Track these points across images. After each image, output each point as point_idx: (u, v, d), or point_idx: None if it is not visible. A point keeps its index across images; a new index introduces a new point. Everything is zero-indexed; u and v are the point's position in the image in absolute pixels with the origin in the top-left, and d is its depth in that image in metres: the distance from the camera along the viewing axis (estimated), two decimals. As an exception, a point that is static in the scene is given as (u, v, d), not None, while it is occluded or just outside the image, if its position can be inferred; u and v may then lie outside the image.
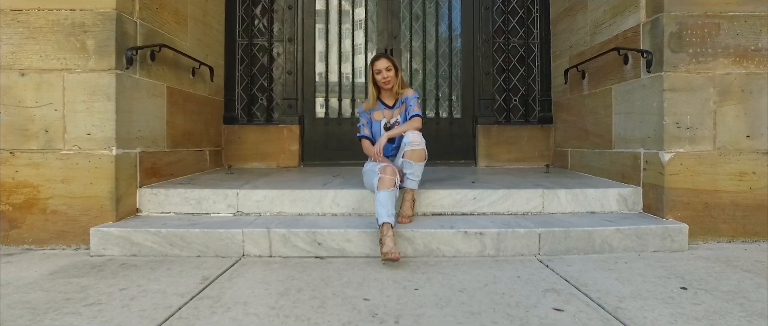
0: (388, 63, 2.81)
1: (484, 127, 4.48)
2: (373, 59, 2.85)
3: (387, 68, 2.80)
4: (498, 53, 4.60)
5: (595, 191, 2.88)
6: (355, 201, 2.82)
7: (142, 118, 2.90)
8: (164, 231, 2.44)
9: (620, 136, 3.17)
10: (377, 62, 2.81)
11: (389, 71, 2.80)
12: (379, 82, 2.84)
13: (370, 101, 2.90)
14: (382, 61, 2.80)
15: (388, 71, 2.80)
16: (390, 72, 2.81)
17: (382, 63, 2.80)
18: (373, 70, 2.83)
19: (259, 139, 4.41)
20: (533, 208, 2.85)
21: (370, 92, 2.89)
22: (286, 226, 2.50)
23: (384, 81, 2.81)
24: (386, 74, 2.80)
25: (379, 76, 2.82)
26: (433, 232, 2.44)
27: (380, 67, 2.80)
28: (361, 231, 2.43)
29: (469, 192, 2.84)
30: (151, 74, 3.01)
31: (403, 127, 2.76)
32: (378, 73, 2.81)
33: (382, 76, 2.80)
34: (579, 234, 2.47)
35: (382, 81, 2.82)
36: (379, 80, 2.83)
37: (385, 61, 2.81)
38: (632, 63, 3.00)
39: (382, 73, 2.80)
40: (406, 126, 2.75)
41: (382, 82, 2.83)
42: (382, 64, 2.80)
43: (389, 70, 2.80)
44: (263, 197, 2.83)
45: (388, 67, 2.80)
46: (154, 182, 3.05)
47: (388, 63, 2.81)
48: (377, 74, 2.82)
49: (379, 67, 2.81)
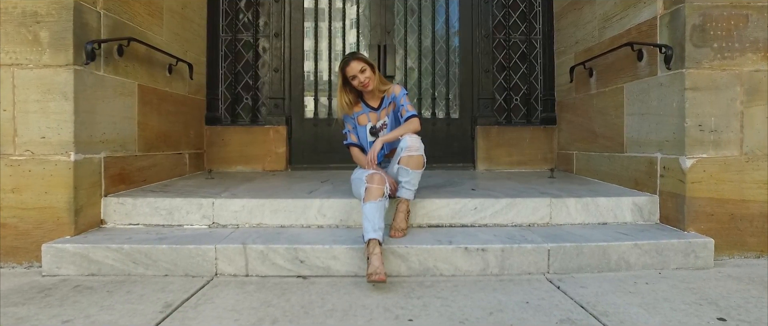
0: (361, 64, 2.47)
1: (484, 128, 4.22)
2: (342, 64, 2.51)
3: (361, 70, 2.47)
4: (498, 50, 4.33)
5: (608, 200, 2.62)
6: (343, 211, 2.55)
7: (107, 120, 2.62)
8: (127, 248, 2.16)
9: (633, 139, 2.91)
10: (348, 67, 2.48)
11: (364, 72, 2.48)
12: (356, 87, 2.53)
13: (343, 108, 2.59)
14: (354, 64, 2.47)
15: (362, 73, 2.47)
16: (365, 73, 2.48)
17: (355, 66, 2.47)
18: (346, 77, 2.51)
19: (244, 140, 4.12)
20: (540, 219, 2.59)
21: (340, 100, 2.57)
22: (265, 241, 2.23)
23: (362, 85, 2.49)
24: (362, 77, 2.47)
25: (355, 82, 2.49)
26: (430, 248, 2.17)
27: (354, 71, 2.47)
28: (348, 248, 2.16)
29: (469, 202, 2.57)
30: (119, 71, 2.73)
31: (399, 129, 2.45)
32: (353, 79, 2.49)
33: (358, 81, 2.48)
34: (592, 249, 2.21)
35: (359, 86, 2.50)
36: (356, 85, 2.51)
37: (358, 62, 2.47)
38: (647, 59, 2.74)
39: (358, 77, 2.47)
40: (403, 129, 2.44)
41: (360, 87, 2.51)
42: (355, 67, 2.47)
43: (364, 71, 2.48)
44: (242, 207, 2.56)
45: (362, 68, 2.47)
46: (124, 190, 2.77)
47: (361, 64, 2.47)
48: (352, 80, 2.50)
49: (352, 72, 2.48)
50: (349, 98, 2.57)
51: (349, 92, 2.58)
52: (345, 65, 2.49)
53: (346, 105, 2.57)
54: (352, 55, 2.53)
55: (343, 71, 2.50)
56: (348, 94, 2.57)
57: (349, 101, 2.58)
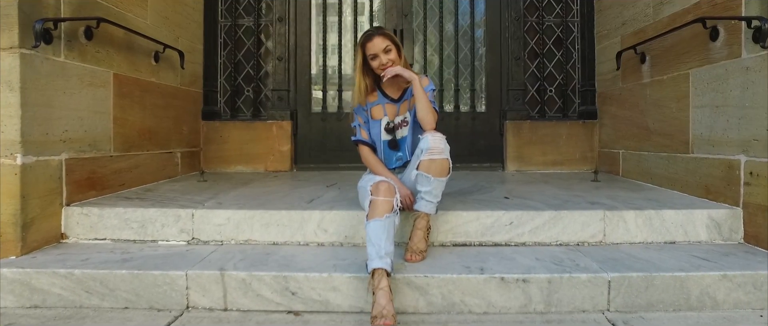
0: (386, 42, 1.97)
1: (514, 123, 3.70)
2: (364, 38, 2.00)
3: (386, 49, 1.97)
4: (530, 34, 3.81)
5: (676, 213, 2.11)
6: (349, 225, 2.09)
7: (71, 115, 2.21)
8: (78, 274, 1.74)
9: (703, 137, 2.38)
10: (370, 43, 1.97)
11: (388, 53, 1.97)
12: (375, 69, 2.02)
13: (360, 95, 2.07)
14: (377, 40, 1.96)
15: (386, 53, 1.97)
16: (390, 54, 1.97)
17: (378, 43, 1.96)
18: (365, 54, 2.01)
19: (244, 137, 3.70)
20: (591, 237, 2.09)
21: (358, 85, 2.06)
22: (250, 266, 1.79)
23: (383, 68, 1.98)
24: (385, 58, 1.97)
25: (374, 62, 1.99)
26: (456, 279, 1.70)
27: (376, 49, 1.97)
28: (351, 277, 1.71)
29: (504, 215, 2.09)
30: (87, 57, 2.32)
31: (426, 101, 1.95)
32: (373, 58, 1.99)
33: (379, 62, 1.98)
34: (666, 282, 1.70)
35: (379, 69, 1.99)
36: (375, 67, 2.01)
37: (382, 39, 1.97)
38: (725, 38, 2.21)
39: (380, 57, 1.97)
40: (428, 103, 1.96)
41: (380, 71, 2.01)
42: (379, 44, 1.96)
43: (388, 52, 1.97)
44: (227, 220, 2.12)
45: (387, 47, 1.97)
46: (95, 196, 2.37)
47: (386, 42, 1.97)
48: (372, 59, 2.00)
49: (374, 49, 1.97)
50: (366, 82, 2.07)
51: (367, 75, 2.07)
52: (367, 40, 1.99)
53: (363, 90, 2.07)
54: (376, 29, 2.02)
55: (364, 47, 2.00)
56: (366, 77, 2.07)
57: (367, 86, 2.08)
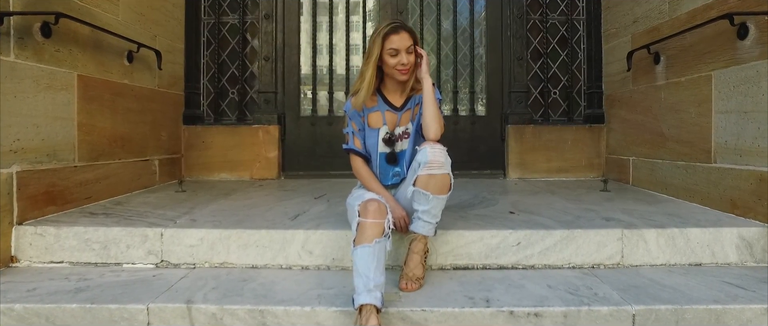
0: (411, 41, 1.72)
1: (516, 128, 3.48)
2: (390, 29, 1.72)
3: (408, 49, 1.71)
4: (533, 33, 3.59)
5: (702, 232, 1.89)
6: (336, 247, 1.86)
7: (24, 122, 1.96)
8: (18, 309, 1.50)
9: (728, 145, 2.17)
10: (396, 35, 1.70)
11: (410, 54, 1.73)
12: (390, 67, 1.75)
13: (366, 94, 1.77)
14: (403, 36, 1.71)
15: (409, 54, 1.72)
16: (411, 56, 1.73)
17: (405, 39, 1.71)
18: (386, 49, 1.72)
19: (228, 143, 3.46)
20: (607, 259, 1.87)
21: (367, 79, 1.75)
22: (221, 299, 1.55)
23: (401, 69, 1.73)
24: (406, 58, 1.72)
25: (393, 59, 1.72)
26: (458, 313, 1.47)
27: (399, 45, 1.70)
28: (338, 311, 1.48)
29: (510, 235, 1.87)
30: (44, 57, 2.07)
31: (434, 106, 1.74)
32: (394, 55, 1.72)
33: (398, 61, 1.72)
34: (700, 315, 1.48)
35: (395, 69, 1.74)
36: (392, 65, 1.74)
37: (408, 37, 1.72)
38: (757, 36, 1.99)
39: (401, 55, 1.71)
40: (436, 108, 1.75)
41: (395, 70, 1.75)
42: (404, 41, 1.70)
43: (410, 53, 1.73)
44: (200, 240, 1.89)
45: (409, 47, 1.72)
46: (54, 212, 2.13)
47: (411, 41, 1.72)
48: (392, 56, 1.72)
49: (399, 43, 1.70)
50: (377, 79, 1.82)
51: (379, 70, 1.81)
52: (392, 31, 1.71)
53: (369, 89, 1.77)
54: (402, 23, 1.77)
55: (386, 39, 1.71)
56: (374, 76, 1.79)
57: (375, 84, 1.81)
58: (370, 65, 1.75)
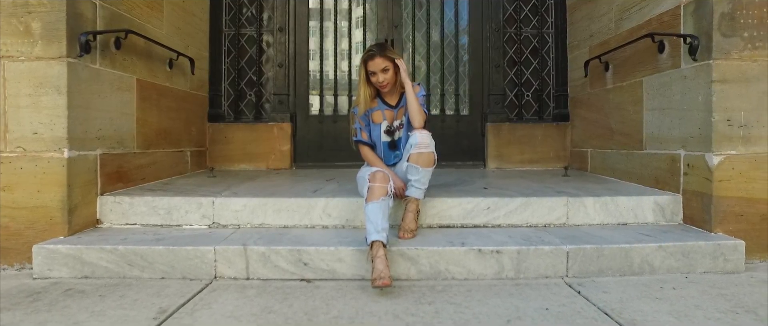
0: (385, 63, 2.29)
1: (495, 125, 4.08)
2: (366, 57, 2.33)
3: (383, 69, 2.30)
4: (509, 44, 4.19)
5: (628, 199, 2.48)
6: (349, 211, 2.43)
7: (104, 115, 2.51)
8: (122, 249, 2.05)
9: (653, 135, 2.77)
10: (371, 62, 2.30)
11: (386, 72, 2.31)
12: (374, 84, 2.37)
13: (363, 103, 2.41)
14: (377, 61, 2.29)
15: (384, 72, 2.31)
16: (387, 73, 2.31)
17: (378, 63, 2.29)
18: (367, 71, 2.35)
19: (247, 138, 4.01)
20: (556, 219, 2.45)
21: (362, 93, 2.40)
22: (267, 243, 2.11)
23: (380, 84, 2.34)
24: (381, 77, 2.31)
25: (374, 78, 2.33)
26: (441, 250, 2.04)
27: (375, 68, 2.30)
28: (354, 250, 2.04)
29: (482, 201, 2.45)
30: (116, 65, 2.62)
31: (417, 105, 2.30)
32: (372, 75, 2.33)
33: (376, 79, 2.33)
34: (614, 252, 2.07)
35: (377, 84, 2.35)
36: (374, 82, 2.36)
37: (382, 60, 2.29)
38: (669, 51, 2.60)
39: (377, 75, 2.31)
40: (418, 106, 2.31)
41: (378, 85, 2.36)
42: (379, 64, 2.29)
43: (386, 71, 2.31)
44: (243, 206, 2.44)
45: (385, 67, 2.30)
46: (121, 188, 2.66)
47: (385, 63, 2.29)
48: (371, 76, 2.34)
49: (373, 67, 2.30)
50: (370, 91, 2.41)
51: (370, 85, 2.41)
52: (369, 58, 2.31)
53: (368, 99, 2.41)
54: (379, 48, 2.34)
55: (366, 64, 2.34)
56: (368, 87, 2.40)
57: (371, 94, 2.42)
58: (362, 83, 2.39)
